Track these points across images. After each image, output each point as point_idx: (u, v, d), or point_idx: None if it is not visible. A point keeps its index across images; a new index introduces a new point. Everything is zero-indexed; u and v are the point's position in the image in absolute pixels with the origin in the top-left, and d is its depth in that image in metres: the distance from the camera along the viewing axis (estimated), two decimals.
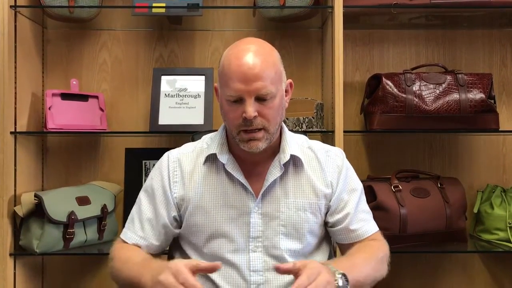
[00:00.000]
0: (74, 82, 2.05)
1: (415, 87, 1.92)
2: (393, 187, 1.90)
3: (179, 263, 1.00)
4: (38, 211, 1.84)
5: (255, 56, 1.12)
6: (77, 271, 2.17)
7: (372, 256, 1.19)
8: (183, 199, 1.23)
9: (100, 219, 1.99)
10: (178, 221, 1.25)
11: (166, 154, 1.29)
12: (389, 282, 1.21)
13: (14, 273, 1.91)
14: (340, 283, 1.03)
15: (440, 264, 2.21)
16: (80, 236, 1.92)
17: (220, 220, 1.20)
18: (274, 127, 1.16)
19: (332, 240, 1.34)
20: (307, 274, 0.99)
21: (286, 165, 1.22)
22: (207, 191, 1.22)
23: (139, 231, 1.24)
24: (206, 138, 1.30)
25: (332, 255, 1.32)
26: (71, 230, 1.88)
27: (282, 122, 1.24)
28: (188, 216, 1.22)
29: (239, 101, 1.13)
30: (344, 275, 1.04)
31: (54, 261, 2.14)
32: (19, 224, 1.90)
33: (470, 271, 2.21)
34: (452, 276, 2.21)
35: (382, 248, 1.24)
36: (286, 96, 1.21)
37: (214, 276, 1.19)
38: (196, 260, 1.02)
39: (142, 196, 1.27)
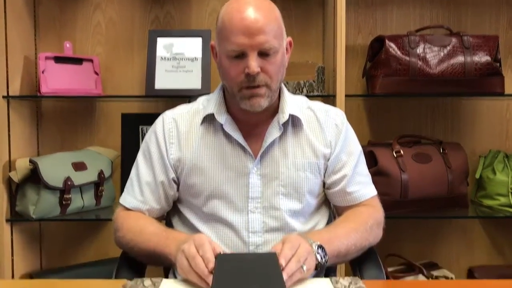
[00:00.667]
0: (67, 45, 2.00)
1: (419, 50, 1.86)
2: (395, 152, 1.87)
3: (204, 237, 0.99)
4: (34, 177, 1.83)
5: (257, 10, 1.08)
6: (75, 237, 2.16)
7: (359, 225, 1.17)
8: (180, 160, 1.20)
9: (97, 185, 1.97)
10: (177, 183, 1.22)
11: (160, 116, 1.26)
12: (389, 246, 1.21)
13: (12, 239, 1.90)
14: (318, 256, 1.02)
15: (440, 230, 2.20)
16: (77, 202, 1.91)
17: (218, 181, 1.18)
18: (276, 84, 1.13)
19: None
20: (288, 246, 0.98)
21: (285, 125, 1.19)
22: (204, 152, 1.19)
23: (139, 196, 1.22)
24: (201, 99, 1.27)
25: (332, 218, 1.31)
26: (67, 196, 1.86)
27: (282, 83, 1.20)
28: (185, 177, 1.20)
29: (241, 56, 1.09)
30: (321, 246, 1.03)
31: (52, 227, 2.13)
32: (14, 190, 1.89)
33: (470, 236, 2.21)
34: (452, 241, 2.21)
35: (373, 215, 1.22)
36: (286, 54, 1.17)
37: (212, 238, 1.17)
38: (220, 247, 1.00)
39: (139, 160, 1.24)
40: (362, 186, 1.24)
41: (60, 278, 1.95)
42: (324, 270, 1.24)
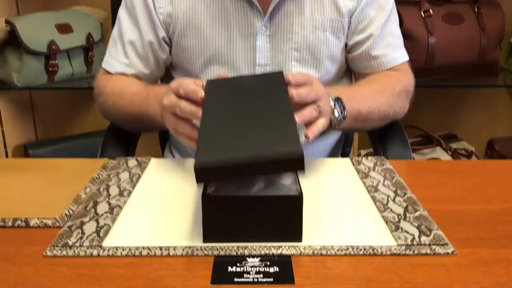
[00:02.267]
0: None
1: None
2: (423, 12, 1.63)
3: (179, 79, 0.79)
4: (13, 41, 1.63)
5: None
6: (69, 106, 2.02)
7: (385, 88, 0.98)
8: (171, 16, 0.98)
9: (87, 50, 1.78)
10: (169, 44, 1.02)
11: None
12: (406, 117, 1.02)
13: None
14: (335, 111, 0.83)
15: (463, 100, 2.05)
16: (66, 68, 1.74)
17: (219, 43, 0.97)
18: None
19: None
20: (300, 74, 0.79)
21: None
22: (201, 7, 0.97)
23: (123, 58, 1.02)
24: None
25: None
26: (53, 62, 1.68)
27: None
28: (178, 38, 0.99)
29: None
30: (339, 99, 0.85)
31: (42, 96, 1.99)
32: None
33: (494, 106, 2.07)
34: (474, 112, 2.07)
35: (403, 81, 1.02)
36: None
37: None
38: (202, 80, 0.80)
39: (121, 15, 1.03)
40: (392, 50, 1.02)
41: (54, 149, 1.87)
42: (340, 132, 1.08)
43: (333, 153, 1.11)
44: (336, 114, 0.83)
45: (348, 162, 0.85)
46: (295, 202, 0.59)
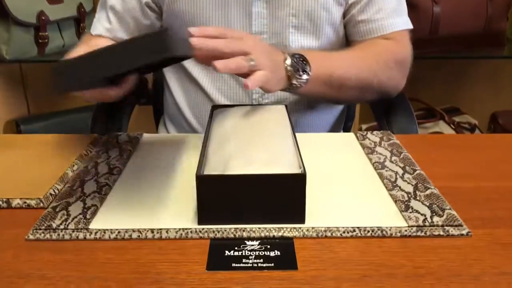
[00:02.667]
0: None
1: None
2: None
3: None
4: (1, 11, 1.56)
5: None
6: None
7: (368, 54, 0.90)
8: None
9: (78, 21, 1.72)
10: (158, 11, 0.95)
11: None
12: (407, 90, 0.96)
13: None
14: (289, 61, 0.77)
15: (466, 72, 1.99)
16: (56, 40, 1.68)
17: (212, 8, 0.91)
18: None
19: None
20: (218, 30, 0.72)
21: None
22: None
23: (105, 22, 0.96)
24: None
25: None
26: (43, 34, 1.62)
27: None
28: (169, 3, 0.92)
29: None
30: (301, 57, 0.78)
31: (33, 69, 1.92)
32: None
33: (498, 79, 2.02)
34: (477, 84, 2.01)
35: (393, 50, 0.93)
36: None
37: (207, 86, 0.95)
38: None
39: None
40: (385, 15, 0.94)
41: (47, 124, 1.83)
42: (342, 106, 1.03)
43: (334, 129, 1.06)
44: (295, 73, 0.77)
45: (352, 137, 0.80)
46: (298, 181, 0.54)
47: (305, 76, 0.78)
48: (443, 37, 1.62)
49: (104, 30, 0.95)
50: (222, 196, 0.54)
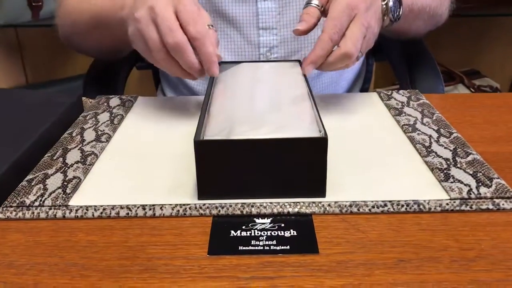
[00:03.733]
0: None
1: None
2: None
3: None
4: None
5: None
6: (59, 46, 1.85)
7: None
8: None
9: None
10: None
11: None
12: None
13: None
14: (391, 3, 0.66)
15: (486, 31, 1.87)
16: (51, 4, 1.59)
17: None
18: None
19: None
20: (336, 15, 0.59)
21: None
22: None
23: None
24: None
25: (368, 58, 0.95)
26: None
27: None
28: None
29: None
30: None
31: (29, 35, 1.84)
32: None
33: None
34: (499, 46, 1.89)
35: None
36: None
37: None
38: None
39: None
40: None
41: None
42: (360, 64, 0.94)
43: (352, 90, 0.96)
44: (391, 14, 0.66)
45: (376, 97, 0.70)
46: (318, 146, 0.45)
47: (397, 14, 0.67)
48: None
49: None
50: (226, 165, 0.45)
